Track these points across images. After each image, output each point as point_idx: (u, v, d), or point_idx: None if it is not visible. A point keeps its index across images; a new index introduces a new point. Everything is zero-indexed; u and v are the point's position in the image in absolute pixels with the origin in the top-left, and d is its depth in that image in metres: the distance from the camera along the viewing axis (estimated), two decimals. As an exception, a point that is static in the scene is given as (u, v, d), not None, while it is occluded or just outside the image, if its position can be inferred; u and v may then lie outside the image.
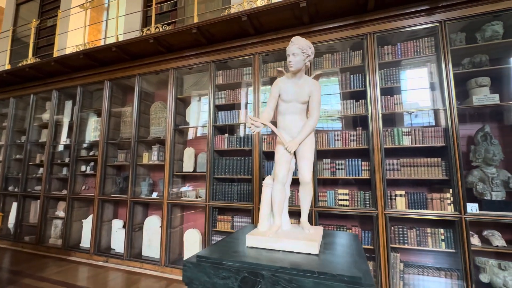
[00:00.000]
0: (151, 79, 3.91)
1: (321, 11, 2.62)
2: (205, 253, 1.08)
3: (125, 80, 3.93)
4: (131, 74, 3.77)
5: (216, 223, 3.10)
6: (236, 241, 1.29)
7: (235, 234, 1.43)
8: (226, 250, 1.14)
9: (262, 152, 2.93)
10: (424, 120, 2.60)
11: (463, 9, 2.35)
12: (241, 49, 3.13)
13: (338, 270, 0.89)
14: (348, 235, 1.50)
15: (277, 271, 0.90)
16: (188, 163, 3.48)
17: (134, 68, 3.74)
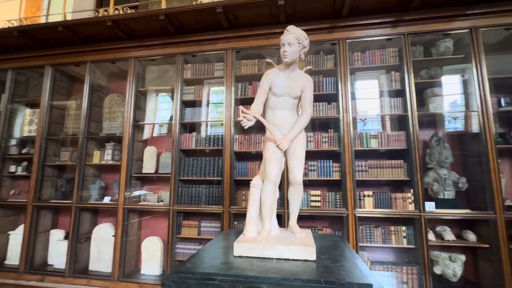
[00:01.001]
0: (106, 68, 3.46)
1: (298, 11, 2.61)
2: (188, 267, 0.90)
3: (72, 66, 3.40)
4: (81, 61, 3.27)
5: (181, 229, 2.84)
6: (219, 250, 1.13)
7: (215, 242, 1.27)
8: (211, 261, 0.98)
9: (234, 153, 2.79)
10: (390, 124, 2.77)
11: (422, 25, 2.58)
12: (213, 43, 2.95)
13: (345, 277, 0.82)
14: (334, 236, 1.47)
15: (279, 283, 0.79)
16: (149, 163, 3.13)
17: (85, 54, 3.25)
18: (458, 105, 2.63)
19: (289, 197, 1.28)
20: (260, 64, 2.95)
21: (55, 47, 3.27)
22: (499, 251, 2.20)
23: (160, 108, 3.22)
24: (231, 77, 2.88)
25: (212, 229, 2.78)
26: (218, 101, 3.05)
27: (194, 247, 2.79)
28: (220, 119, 2.94)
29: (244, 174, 2.81)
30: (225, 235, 1.42)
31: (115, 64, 3.32)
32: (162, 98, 3.22)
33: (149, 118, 3.28)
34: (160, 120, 3.29)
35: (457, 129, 2.72)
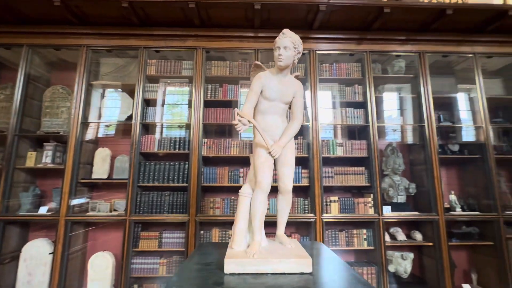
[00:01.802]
0: (48, 55, 2.95)
1: (272, 18, 2.62)
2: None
3: (1, 49, 2.81)
4: (14, 43, 2.72)
5: (139, 242, 2.54)
6: (204, 267, 1.00)
7: (196, 258, 1.13)
8: (201, 283, 0.86)
9: (202, 157, 2.63)
10: (352, 134, 2.96)
11: (381, 44, 2.84)
12: (182, 40, 2.77)
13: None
14: (316, 244, 1.46)
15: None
16: (101, 167, 2.75)
17: (20, 35, 2.72)
18: (409, 118, 2.95)
19: (278, 206, 1.23)
20: (232, 66, 2.88)
21: None
22: (441, 248, 2.51)
23: (116, 106, 2.86)
24: (200, 78, 2.73)
25: (175, 240, 2.55)
26: (185, 101, 2.86)
27: (154, 261, 2.52)
28: (183, 121, 2.76)
29: (212, 180, 2.67)
30: (203, 249, 1.29)
31: (59, 51, 2.86)
32: (120, 95, 2.87)
33: (103, 116, 2.89)
34: (115, 119, 2.92)
35: (408, 141, 3.05)
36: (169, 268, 2.52)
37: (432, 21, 2.63)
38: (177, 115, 2.78)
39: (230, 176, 2.67)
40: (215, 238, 2.56)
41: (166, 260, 2.53)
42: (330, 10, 2.49)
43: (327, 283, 0.88)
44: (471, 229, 2.75)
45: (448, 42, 2.84)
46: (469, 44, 2.86)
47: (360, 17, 2.62)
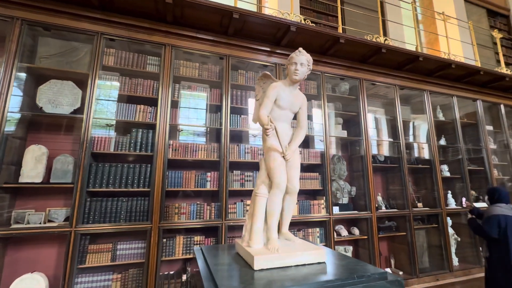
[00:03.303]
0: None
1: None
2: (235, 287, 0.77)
3: None
4: None
5: (85, 257, 2.17)
6: (230, 267, 1.00)
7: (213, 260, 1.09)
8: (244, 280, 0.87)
9: (167, 160, 2.48)
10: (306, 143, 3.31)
11: (333, 68, 3.32)
12: (149, 34, 2.58)
13: (364, 271, 0.97)
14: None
15: (325, 286, 0.82)
16: (33, 169, 2.24)
17: None
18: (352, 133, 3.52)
19: (284, 205, 1.32)
20: (201, 69, 2.84)
21: None
22: (373, 240, 3.06)
23: (58, 95, 2.39)
24: (169, 76, 2.59)
25: (132, 251, 2.30)
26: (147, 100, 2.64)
27: (105, 277, 2.20)
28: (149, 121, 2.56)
29: (177, 184, 2.54)
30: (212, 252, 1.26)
31: None
32: (65, 84, 2.42)
33: (39, 106, 2.37)
34: (58, 111, 2.44)
35: (350, 152, 3.61)
36: (124, 283, 2.24)
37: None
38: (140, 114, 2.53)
39: (197, 180, 2.60)
40: (179, 245, 2.43)
41: (120, 275, 2.25)
42: (297, 32, 2.79)
43: (340, 266, 1.04)
44: (391, 223, 3.45)
45: (380, 74, 3.55)
46: (391, 77, 3.65)
47: (319, 43, 3.02)
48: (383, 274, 0.94)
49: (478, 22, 5.52)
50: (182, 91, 2.77)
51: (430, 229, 3.65)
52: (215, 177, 2.65)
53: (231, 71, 2.86)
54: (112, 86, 2.50)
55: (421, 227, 3.57)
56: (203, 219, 2.53)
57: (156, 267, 2.24)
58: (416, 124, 4.05)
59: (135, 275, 2.28)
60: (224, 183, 2.57)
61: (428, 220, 3.66)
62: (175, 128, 2.73)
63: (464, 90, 4.14)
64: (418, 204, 3.57)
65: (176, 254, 2.41)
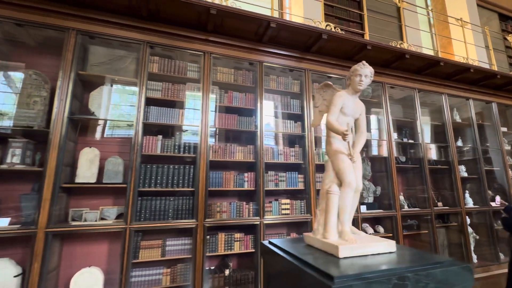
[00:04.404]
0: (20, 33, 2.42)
1: (226, 26, 2.69)
2: (340, 272, 0.91)
3: None
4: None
5: (139, 252, 2.32)
6: (316, 256, 1.15)
7: (299, 250, 1.23)
8: (336, 266, 1.02)
9: (209, 161, 2.62)
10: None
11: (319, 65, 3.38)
12: (190, 42, 2.73)
13: (435, 258, 1.11)
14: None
15: (420, 270, 0.96)
16: (87, 170, 2.39)
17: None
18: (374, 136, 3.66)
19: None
20: (237, 74, 2.99)
21: None
22: (398, 238, 3.20)
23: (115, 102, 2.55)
24: (208, 82, 2.74)
25: (180, 247, 2.44)
26: (189, 104, 2.79)
27: (156, 271, 2.34)
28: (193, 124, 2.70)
29: (218, 184, 2.68)
30: (285, 244, 1.40)
31: (21, 27, 2.37)
32: (115, 90, 2.58)
33: (91, 110, 2.53)
34: (119, 115, 2.58)
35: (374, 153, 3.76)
36: (173, 277, 2.38)
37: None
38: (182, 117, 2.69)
39: (235, 180, 2.75)
40: (221, 242, 2.57)
41: (170, 269, 2.39)
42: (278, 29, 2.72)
43: (411, 255, 1.18)
44: (413, 221, 3.59)
45: (400, 78, 3.69)
46: (411, 81, 3.79)
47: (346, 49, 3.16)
48: (453, 261, 1.09)
49: (489, 25, 5.66)
50: (218, 96, 2.91)
51: (450, 228, 3.78)
52: (251, 177, 2.80)
53: (263, 76, 3.00)
54: (157, 92, 2.64)
55: (441, 225, 3.71)
56: (242, 217, 2.67)
57: (202, 263, 2.39)
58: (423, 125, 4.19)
59: (182, 270, 2.42)
60: (261, 183, 2.72)
61: (448, 219, 3.80)
62: (215, 130, 2.87)
63: (480, 93, 4.28)
64: (438, 203, 3.71)
65: (218, 250, 2.55)
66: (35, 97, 2.34)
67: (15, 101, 2.28)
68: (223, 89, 2.92)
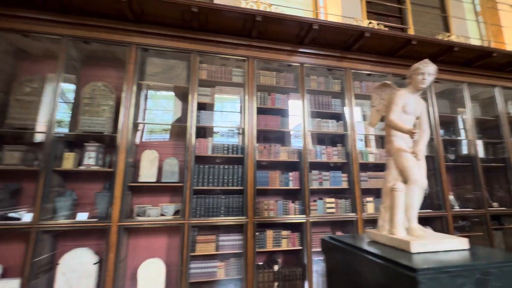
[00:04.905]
0: (87, 49, 2.74)
1: (269, 31, 2.78)
2: (421, 264, 0.95)
3: (23, 36, 2.52)
4: (54, 32, 2.48)
5: (195, 246, 2.51)
6: (379, 252, 1.19)
7: (367, 246, 1.28)
8: (418, 260, 1.06)
9: (256, 161, 2.74)
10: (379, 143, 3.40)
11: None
12: (234, 48, 2.88)
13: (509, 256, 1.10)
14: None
15: (504, 266, 0.97)
16: (148, 170, 2.64)
17: (59, 25, 2.49)
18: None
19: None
20: (279, 77, 3.08)
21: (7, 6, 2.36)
22: (449, 239, 3.05)
23: (168, 108, 2.79)
24: (252, 85, 2.86)
25: (232, 242, 2.59)
26: (234, 107, 2.94)
27: (211, 264, 2.51)
28: (238, 126, 2.84)
29: (264, 183, 2.79)
30: (352, 240, 1.46)
31: (88, 44, 2.66)
32: (169, 97, 2.81)
33: (148, 117, 2.79)
34: (163, 120, 2.82)
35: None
36: (227, 271, 2.54)
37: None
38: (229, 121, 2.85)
39: (281, 179, 2.84)
40: (269, 239, 2.68)
41: (223, 263, 2.55)
42: (320, 30, 2.81)
43: (486, 253, 1.18)
44: (465, 223, 3.40)
45: (446, 72, 3.52)
46: (459, 75, 3.59)
47: (389, 46, 3.10)
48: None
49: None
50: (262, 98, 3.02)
51: (507, 230, 3.52)
52: (296, 176, 2.87)
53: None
54: (206, 97, 2.83)
55: (497, 227, 3.47)
56: (288, 215, 2.75)
57: (253, 258, 2.51)
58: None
59: (235, 264, 2.57)
60: (306, 182, 2.78)
61: (505, 220, 3.54)
62: (260, 132, 2.97)
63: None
64: (493, 203, 3.47)
65: (267, 247, 2.66)
66: (103, 105, 2.64)
67: (84, 110, 2.58)
68: (266, 92, 3.03)
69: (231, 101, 2.94)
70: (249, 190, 2.63)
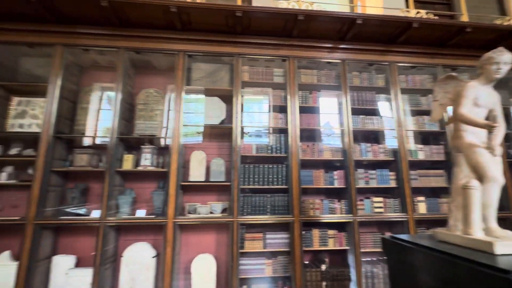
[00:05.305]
0: (137, 58, 2.96)
1: (311, 29, 2.75)
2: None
3: (79, 51, 2.78)
4: (107, 45, 2.72)
5: (244, 243, 2.58)
6: (458, 253, 1.14)
7: (439, 247, 1.23)
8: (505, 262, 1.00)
9: (300, 160, 2.74)
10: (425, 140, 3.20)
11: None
12: (276, 49, 2.91)
13: None
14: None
15: None
16: (197, 170, 2.78)
17: (116, 38, 2.72)
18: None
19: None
20: (319, 75, 3.06)
21: (66, 23, 2.63)
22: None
23: (209, 109, 2.91)
24: (294, 85, 2.87)
25: (278, 240, 2.63)
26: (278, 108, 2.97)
27: (260, 261, 2.57)
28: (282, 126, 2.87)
29: (308, 182, 2.79)
30: (418, 240, 1.41)
31: (139, 54, 2.86)
32: (213, 99, 2.93)
33: (195, 119, 2.93)
34: (209, 122, 2.93)
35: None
36: (275, 268, 2.58)
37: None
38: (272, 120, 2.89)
39: (325, 178, 2.81)
40: (315, 238, 2.67)
41: (271, 260, 2.60)
42: (364, 24, 2.65)
43: None
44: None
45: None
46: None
47: (438, 35, 2.91)
48: None
49: None
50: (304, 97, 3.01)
51: None
52: (341, 175, 2.82)
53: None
54: (249, 98, 2.90)
55: None
56: (334, 214, 2.72)
57: (301, 256, 2.52)
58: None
59: (282, 262, 2.60)
60: (352, 181, 2.71)
61: None
62: (303, 131, 2.96)
63: None
64: None
65: (313, 246, 2.65)
66: (156, 110, 2.84)
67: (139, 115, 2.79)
68: (307, 90, 3.02)
69: (273, 100, 2.96)
70: (294, 189, 2.64)
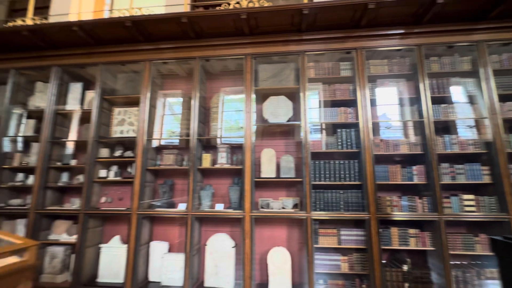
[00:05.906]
0: (213, 65, 3.22)
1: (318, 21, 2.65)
2: None
3: (160, 63, 3.14)
4: (184, 56, 3.03)
5: (318, 238, 2.61)
6: None
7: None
8: None
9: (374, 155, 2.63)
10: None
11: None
12: (342, 42, 2.84)
13: None
14: None
15: None
16: (268, 167, 2.91)
17: (192, 49, 3.02)
18: None
19: None
20: (391, 64, 2.88)
21: (156, 41, 3.01)
22: None
23: (276, 108, 3.01)
24: (363, 77, 2.76)
25: (353, 237, 2.58)
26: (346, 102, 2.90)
27: (335, 257, 2.57)
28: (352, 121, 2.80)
29: (384, 178, 2.66)
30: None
31: (209, 61, 3.09)
32: (280, 98, 3.02)
33: (265, 118, 3.06)
34: (277, 120, 3.05)
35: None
36: (351, 265, 2.55)
37: (489, 10, 2.49)
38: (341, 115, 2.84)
39: (402, 174, 2.64)
40: (394, 236, 2.54)
41: (347, 257, 2.57)
42: None
43: None
44: None
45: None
46: None
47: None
48: None
49: None
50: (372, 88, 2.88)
51: None
52: (421, 170, 2.62)
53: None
54: (317, 94, 2.90)
55: None
56: (416, 212, 2.54)
57: (379, 255, 2.43)
58: None
59: (359, 259, 2.55)
60: (435, 176, 2.49)
61: None
62: (376, 125, 2.84)
63: None
64: None
65: (392, 244, 2.53)
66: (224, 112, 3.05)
67: (213, 118, 3.04)
68: (376, 82, 2.87)
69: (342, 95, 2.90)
70: (369, 185, 2.55)
